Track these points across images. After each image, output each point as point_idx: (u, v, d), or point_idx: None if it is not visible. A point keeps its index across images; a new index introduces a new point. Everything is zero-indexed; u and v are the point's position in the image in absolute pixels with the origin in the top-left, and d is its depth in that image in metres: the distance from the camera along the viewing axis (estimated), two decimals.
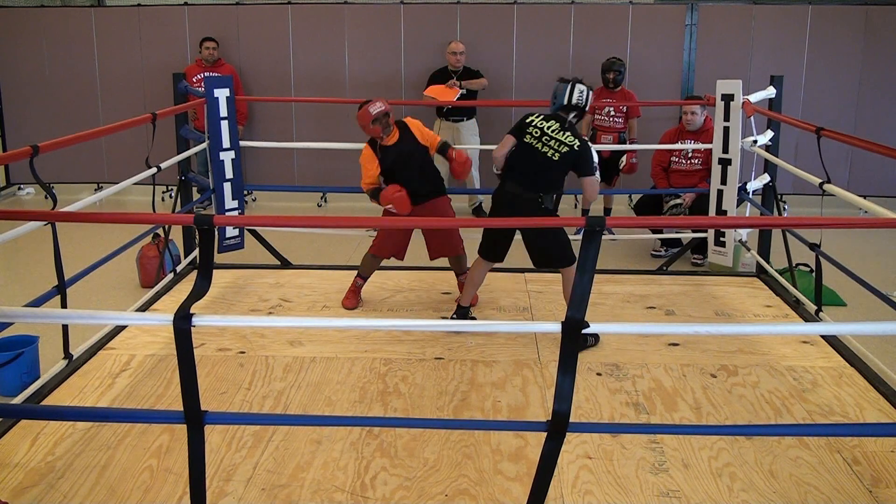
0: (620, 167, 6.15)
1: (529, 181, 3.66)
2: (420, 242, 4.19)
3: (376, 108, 3.90)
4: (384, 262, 4.29)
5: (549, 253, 3.79)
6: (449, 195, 4.22)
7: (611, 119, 6.28)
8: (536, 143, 3.63)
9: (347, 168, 7.06)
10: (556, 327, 2.07)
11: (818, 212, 4.43)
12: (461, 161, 4.08)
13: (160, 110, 4.22)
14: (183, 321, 2.06)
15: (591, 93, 3.71)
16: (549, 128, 3.63)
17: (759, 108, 4.61)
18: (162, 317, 2.11)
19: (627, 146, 6.05)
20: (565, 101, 3.67)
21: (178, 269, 4.70)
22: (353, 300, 4.25)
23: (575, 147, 3.59)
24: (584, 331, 2.07)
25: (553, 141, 3.60)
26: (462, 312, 3.97)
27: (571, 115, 3.70)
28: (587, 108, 3.73)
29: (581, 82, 3.69)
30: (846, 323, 3.67)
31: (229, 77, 4.97)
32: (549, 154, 3.60)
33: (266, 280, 4.69)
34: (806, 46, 7.37)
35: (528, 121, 3.70)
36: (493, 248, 3.91)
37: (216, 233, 4.51)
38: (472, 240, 4.20)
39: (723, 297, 4.46)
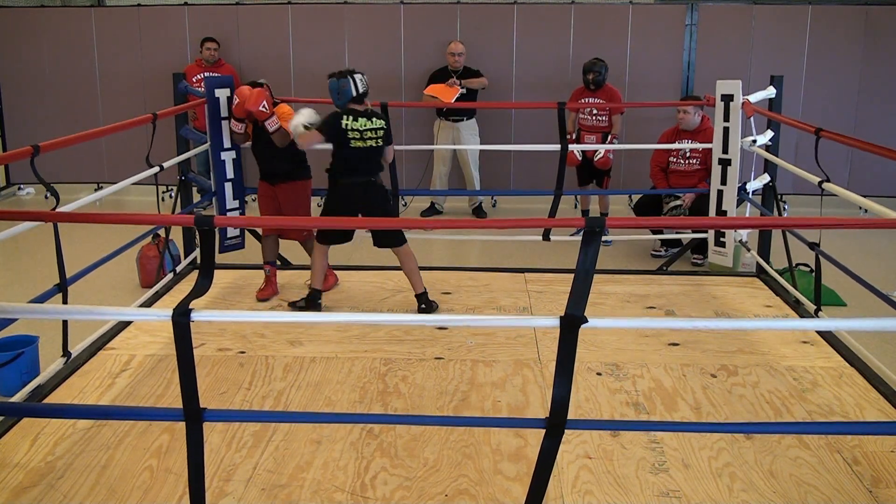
0: (595, 159, 6.12)
1: (367, 170, 4.09)
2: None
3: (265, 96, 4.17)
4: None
5: (391, 233, 4.13)
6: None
7: (594, 118, 6.25)
8: (363, 144, 4.01)
9: None
10: (554, 322, 2.07)
11: (818, 212, 4.43)
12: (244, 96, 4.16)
13: (161, 110, 4.23)
14: (182, 316, 2.07)
15: (364, 77, 4.02)
16: (363, 125, 3.99)
17: (758, 109, 4.61)
18: (161, 312, 2.12)
19: (609, 145, 6.04)
20: (354, 93, 3.97)
21: (178, 269, 4.70)
22: (267, 291, 4.41)
23: (384, 126, 4.08)
24: (582, 324, 2.07)
25: (371, 132, 4.02)
26: (315, 295, 4.15)
27: (365, 101, 4.03)
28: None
29: (354, 72, 3.99)
30: (843, 319, 3.67)
31: (229, 77, 4.97)
32: (374, 144, 4.05)
33: None
34: (806, 46, 7.38)
35: (343, 127, 3.96)
36: (345, 232, 4.23)
37: (217, 233, 4.51)
38: (472, 241, 4.19)
39: (723, 297, 4.47)
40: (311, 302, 4.15)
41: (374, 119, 4.03)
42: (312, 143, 4.02)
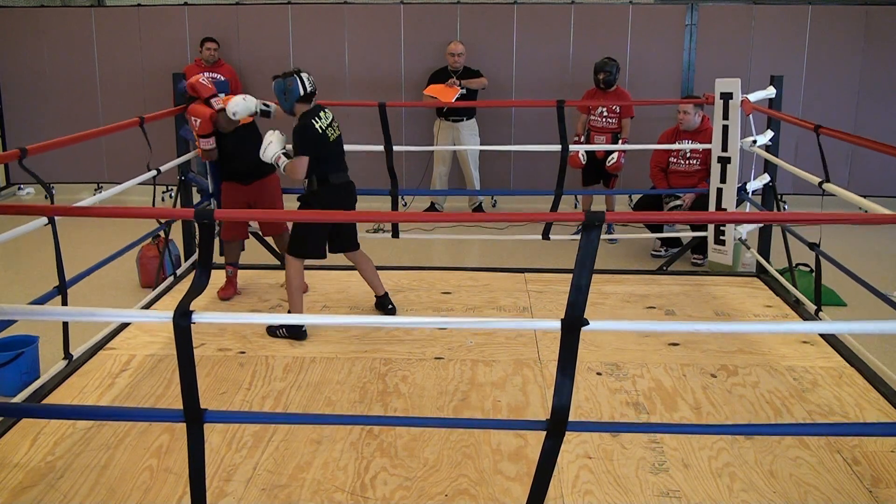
0: (608, 164, 6.14)
1: (343, 164, 3.98)
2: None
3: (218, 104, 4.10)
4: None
5: (348, 237, 4.04)
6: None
7: (604, 119, 6.27)
8: (333, 134, 3.91)
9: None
10: (555, 324, 2.07)
11: (818, 211, 4.42)
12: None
13: (148, 114, 4.18)
14: (182, 318, 2.06)
15: (311, 77, 3.91)
16: (327, 119, 3.89)
17: (757, 107, 4.61)
18: (162, 314, 2.11)
19: (618, 146, 6.04)
20: (302, 92, 3.83)
21: (179, 271, 4.71)
22: (229, 290, 4.40)
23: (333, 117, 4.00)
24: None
25: (335, 123, 3.95)
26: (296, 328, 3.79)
27: (314, 99, 3.91)
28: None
29: (301, 71, 3.88)
30: (844, 321, 3.66)
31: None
32: (339, 134, 3.97)
33: (266, 280, 4.69)
34: (806, 46, 7.38)
35: (317, 126, 3.80)
36: (327, 242, 3.96)
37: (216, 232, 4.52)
38: (467, 241, 4.17)
39: (723, 297, 4.47)
40: (294, 330, 3.75)
41: (326, 110, 3.94)
42: (305, 167, 3.75)
